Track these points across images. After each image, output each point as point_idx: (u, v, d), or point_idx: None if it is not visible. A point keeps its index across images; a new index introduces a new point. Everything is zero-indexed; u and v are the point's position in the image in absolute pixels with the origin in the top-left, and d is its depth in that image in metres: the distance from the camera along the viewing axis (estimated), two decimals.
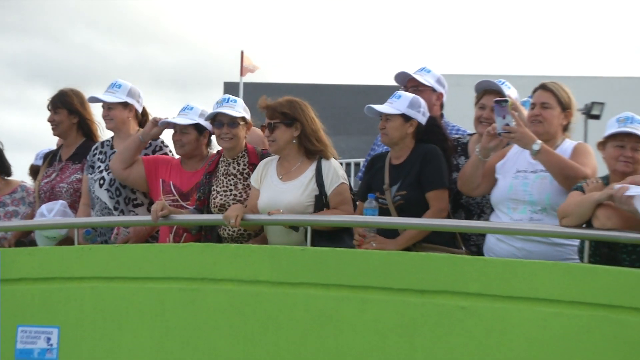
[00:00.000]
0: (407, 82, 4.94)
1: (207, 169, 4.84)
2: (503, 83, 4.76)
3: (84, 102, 5.43)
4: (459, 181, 4.47)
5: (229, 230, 4.62)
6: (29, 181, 6.66)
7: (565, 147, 4.37)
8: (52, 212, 5.04)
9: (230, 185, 4.74)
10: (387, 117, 4.41)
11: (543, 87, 4.40)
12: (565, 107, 4.38)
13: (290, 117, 4.50)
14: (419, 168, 4.41)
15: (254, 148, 4.83)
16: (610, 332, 3.96)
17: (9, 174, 5.66)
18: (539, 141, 4.18)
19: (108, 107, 5.13)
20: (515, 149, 4.43)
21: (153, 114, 5.42)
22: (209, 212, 4.86)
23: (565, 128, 4.40)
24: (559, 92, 4.35)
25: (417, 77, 4.86)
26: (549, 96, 4.36)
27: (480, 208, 4.60)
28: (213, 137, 5.02)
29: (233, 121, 4.69)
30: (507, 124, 4.19)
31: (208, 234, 4.84)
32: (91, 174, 5.14)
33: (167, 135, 5.18)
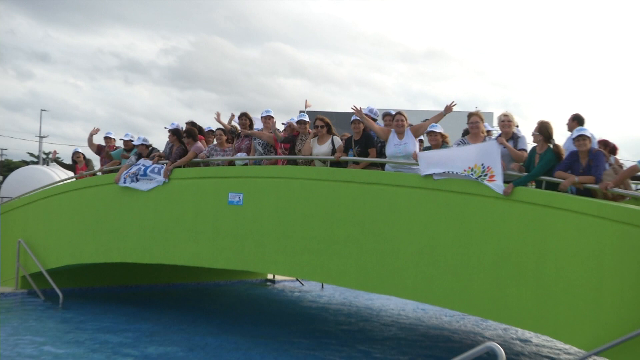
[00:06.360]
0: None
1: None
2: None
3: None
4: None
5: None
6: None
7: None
8: (242, 155, 11.21)
9: (305, 143, 10.62)
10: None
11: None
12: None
13: (328, 124, 10.45)
14: (365, 140, 9.85)
15: (313, 132, 10.68)
16: (451, 204, 8.65)
17: (231, 141, 11.45)
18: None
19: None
20: (391, 136, 9.46)
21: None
22: (293, 153, 10.60)
23: None
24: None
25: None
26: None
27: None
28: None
29: (305, 122, 10.82)
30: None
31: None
32: (254, 141, 11.22)
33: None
